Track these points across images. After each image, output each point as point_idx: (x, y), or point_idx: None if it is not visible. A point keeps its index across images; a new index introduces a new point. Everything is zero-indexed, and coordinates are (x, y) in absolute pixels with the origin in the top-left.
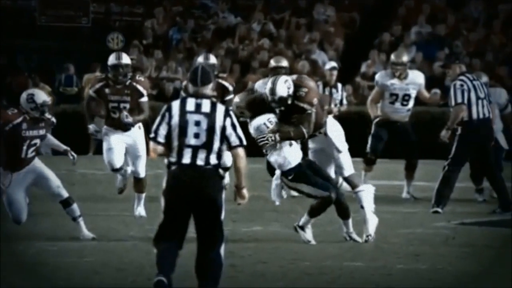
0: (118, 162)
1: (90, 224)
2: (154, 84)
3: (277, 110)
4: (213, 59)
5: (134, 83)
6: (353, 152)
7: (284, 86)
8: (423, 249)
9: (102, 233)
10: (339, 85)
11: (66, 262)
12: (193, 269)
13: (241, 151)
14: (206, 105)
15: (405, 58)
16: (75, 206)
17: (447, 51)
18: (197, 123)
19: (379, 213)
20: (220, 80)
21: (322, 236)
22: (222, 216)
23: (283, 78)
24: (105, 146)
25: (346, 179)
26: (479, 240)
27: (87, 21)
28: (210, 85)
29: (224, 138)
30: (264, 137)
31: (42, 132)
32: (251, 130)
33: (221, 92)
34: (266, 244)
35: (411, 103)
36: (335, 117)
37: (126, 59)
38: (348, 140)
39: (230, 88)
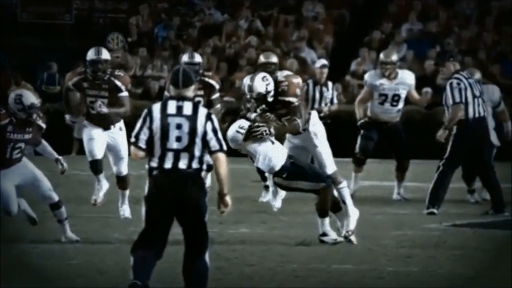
0: (99, 152)
1: (73, 226)
2: (139, 82)
3: (258, 110)
4: (198, 58)
5: (113, 78)
6: (343, 153)
7: (262, 83)
8: (414, 252)
9: (86, 235)
10: (330, 84)
11: (49, 264)
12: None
13: (221, 156)
14: (187, 108)
15: (394, 57)
16: (63, 209)
17: (438, 49)
18: (179, 126)
19: (369, 214)
20: (206, 79)
21: (310, 238)
22: (206, 218)
23: (261, 74)
24: (86, 137)
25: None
26: (471, 242)
27: (70, 18)
28: (192, 87)
29: (204, 142)
30: (257, 131)
31: (27, 136)
32: (229, 143)
33: (208, 91)
34: (253, 246)
35: (401, 104)
36: (326, 116)
37: (105, 54)
38: (337, 140)
39: (217, 86)
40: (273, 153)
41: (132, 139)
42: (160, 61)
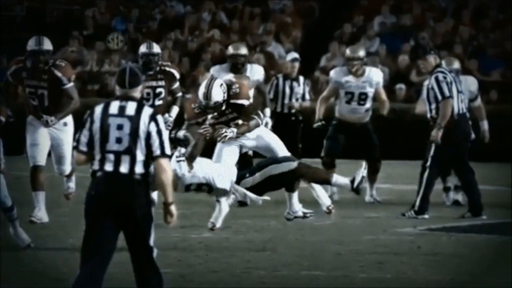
0: (42, 159)
1: (25, 230)
2: (95, 78)
3: (209, 117)
4: (157, 48)
5: (53, 69)
6: (312, 153)
7: (219, 91)
8: (387, 257)
9: (39, 241)
10: (301, 78)
11: None
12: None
13: (164, 162)
14: (131, 108)
15: (361, 53)
16: (15, 210)
17: (412, 43)
18: (120, 127)
19: (340, 217)
20: (166, 68)
21: (276, 243)
22: (152, 229)
23: (218, 81)
24: (29, 140)
25: None
26: (447, 247)
27: (21, 10)
28: (140, 87)
29: (147, 145)
30: (222, 133)
31: None
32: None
33: (169, 81)
34: (217, 252)
35: (369, 103)
36: (297, 112)
37: (47, 44)
38: (305, 139)
39: (177, 75)
40: (222, 169)
41: (74, 143)
42: (118, 55)
